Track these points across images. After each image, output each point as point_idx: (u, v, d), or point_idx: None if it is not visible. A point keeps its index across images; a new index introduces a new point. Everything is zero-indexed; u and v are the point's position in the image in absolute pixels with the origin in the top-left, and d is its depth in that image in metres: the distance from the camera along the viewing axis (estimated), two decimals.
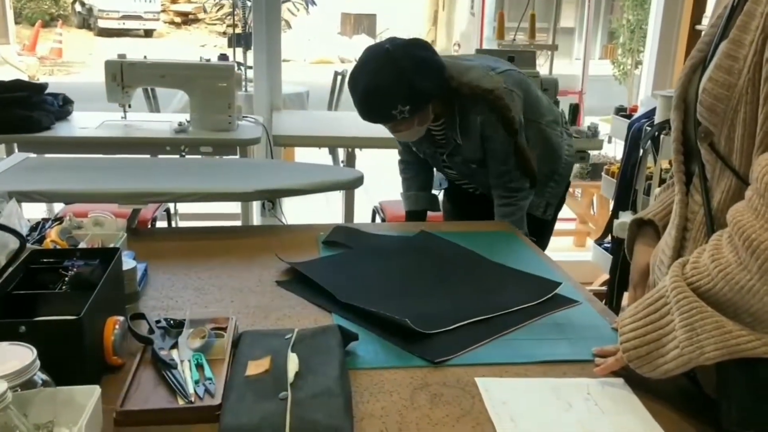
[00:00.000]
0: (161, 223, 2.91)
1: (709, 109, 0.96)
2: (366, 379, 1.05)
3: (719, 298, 0.90)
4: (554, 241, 2.23)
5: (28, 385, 0.82)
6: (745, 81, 0.91)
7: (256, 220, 3.29)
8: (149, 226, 2.58)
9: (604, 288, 3.13)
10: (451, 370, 1.09)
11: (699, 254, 0.95)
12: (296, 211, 3.08)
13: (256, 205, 3.22)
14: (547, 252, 2.65)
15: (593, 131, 2.98)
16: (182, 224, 3.33)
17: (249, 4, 4.34)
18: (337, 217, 3.22)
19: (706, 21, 3.34)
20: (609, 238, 2.96)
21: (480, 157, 1.91)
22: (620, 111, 3.03)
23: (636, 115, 2.87)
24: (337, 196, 3.20)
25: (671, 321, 0.94)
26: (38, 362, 0.84)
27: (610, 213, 2.93)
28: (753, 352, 0.88)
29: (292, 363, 1.00)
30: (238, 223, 3.12)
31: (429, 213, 2.23)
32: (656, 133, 2.56)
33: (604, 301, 2.99)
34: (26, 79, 3.80)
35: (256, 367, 1.00)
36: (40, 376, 0.84)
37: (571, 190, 5.35)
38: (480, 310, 1.27)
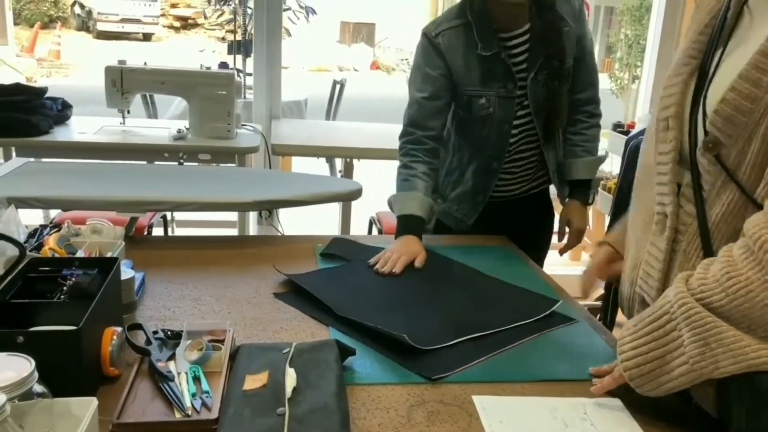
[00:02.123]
0: (158, 230, 2.91)
1: (727, 120, 0.94)
2: (363, 395, 1.05)
3: (733, 314, 0.89)
4: (549, 256, 2.21)
5: (26, 396, 0.81)
6: None
7: (253, 228, 3.29)
8: (146, 233, 2.58)
9: (599, 303, 3.13)
10: (448, 387, 1.09)
11: (705, 269, 0.94)
12: (293, 220, 3.08)
13: (252, 214, 3.22)
14: (542, 266, 2.64)
15: None
16: (178, 231, 3.33)
17: (249, 11, 4.35)
18: (333, 227, 3.22)
19: None
20: None
21: (570, 64, 1.77)
22: (618, 127, 3.05)
23: (633, 131, 2.89)
24: (334, 206, 3.20)
25: (679, 337, 0.93)
26: (36, 374, 0.83)
27: (606, 229, 2.94)
28: None
29: (290, 378, 1.00)
30: (234, 230, 3.12)
31: None
32: None
33: (598, 317, 3.01)
34: (24, 80, 3.80)
35: (253, 382, 1.00)
36: (37, 388, 0.84)
37: None
38: (477, 327, 1.27)
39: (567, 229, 1.94)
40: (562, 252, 1.92)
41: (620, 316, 3.00)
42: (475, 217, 1.89)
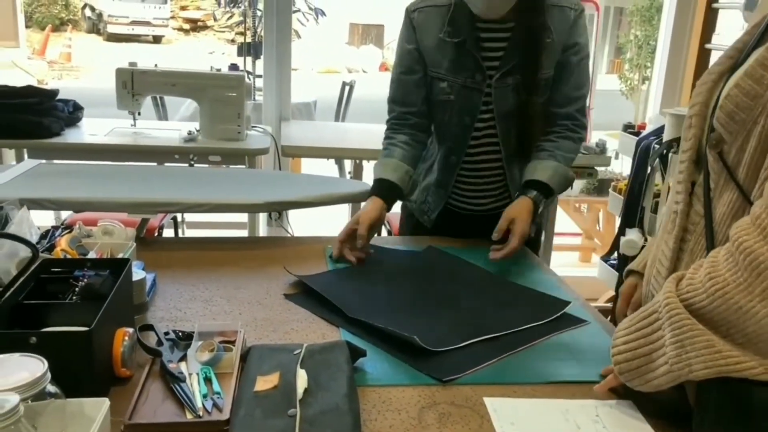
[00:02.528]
0: (168, 231, 2.92)
1: (728, 116, 0.94)
2: (374, 397, 1.05)
3: (713, 316, 0.90)
4: (560, 257, 2.20)
5: (39, 396, 0.82)
6: None
7: (263, 229, 3.29)
8: (156, 235, 2.59)
9: (609, 305, 3.12)
10: (459, 389, 1.09)
11: (695, 270, 0.94)
12: (303, 222, 3.08)
13: (262, 216, 3.22)
14: (553, 266, 2.61)
15: (601, 147, 2.99)
16: (189, 232, 3.34)
17: (259, 13, 4.36)
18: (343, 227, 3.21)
19: (716, 39, 3.34)
20: (615, 255, 2.95)
21: (548, 75, 1.64)
22: (628, 128, 3.04)
23: (644, 132, 2.87)
24: (344, 207, 3.20)
25: (662, 336, 0.94)
26: (49, 374, 0.83)
27: (617, 230, 2.93)
28: (741, 373, 0.87)
29: (301, 379, 1.00)
30: (244, 232, 3.12)
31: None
32: (665, 151, 2.56)
33: (609, 318, 3.00)
34: (35, 82, 3.83)
35: (264, 383, 1.00)
36: (50, 388, 0.84)
37: (576, 205, 5.37)
38: (488, 329, 1.27)
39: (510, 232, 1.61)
40: (495, 259, 1.56)
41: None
42: (438, 212, 1.81)
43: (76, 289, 1.12)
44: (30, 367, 0.83)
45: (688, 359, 0.90)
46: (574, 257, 4.48)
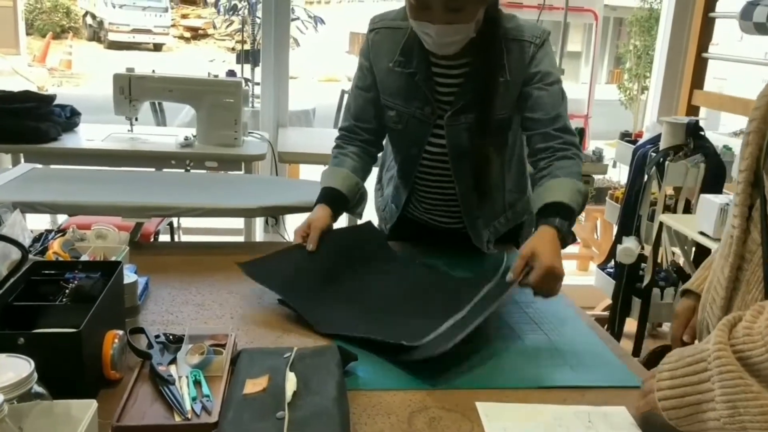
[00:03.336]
0: (164, 237, 2.91)
1: None
2: (364, 401, 1.04)
3: None
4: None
5: (25, 397, 0.81)
6: None
7: (259, 235, 3.29)
8: (152, 240, 2.58)
9: (606, 313, 3.11)
10: (450, 394, 1.08)
11: (754, 318, 0.86)
12: None
13: (259, 221, 3.22)
14: None
15: (598, 156, 2.99)
16: (185, 238, 3.33)
17: (258, 21, 4.37)
18: None
19: (713, 49, 3.35)
20: (612, 263, 2.95)
21: (503, 117, 1.56)
22: (625, 136, 3.04)
23: (641, 140, 2.88)
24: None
25: (711, 389, 0.87)
26: (36, 375, 0.83)
27: (614, 238, 2.93)
28: None
29: (290, 382, 0.99)
30: (241, 237, 3.12)
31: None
32: (661, 159, 2.56)
33: (606, 327, 2.99)
34: (35, 89, 3.83)
35: (253, 386, 0.99)
36: (36, 389, 0.84)
37: None
38: (454, 308, 1.30)
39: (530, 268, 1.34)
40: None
41: (628, 326, 2.99)
42: (392, 224, 1.79)
43: (67, 291, 1.12)
44: (16, 368, 0.83)
45: (743, 422, 0.83)
46: (571, 265, 4.48)
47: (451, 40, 1.43)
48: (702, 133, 2.60)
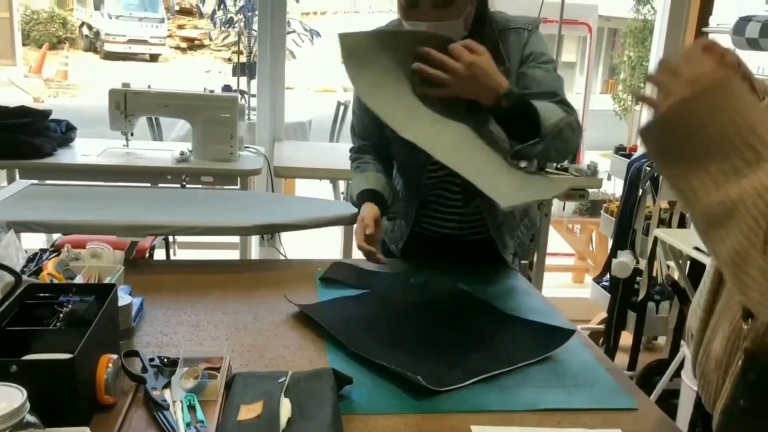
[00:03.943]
0: (159, 251, 2.91)
1: None
2: (360, 425, 1.04)
3: None
4: (553, 277, 2.19)
5: (17, 427, 0.81)
6: None
7: (255, 250, 3.28)
8: (147, 256, 2.58)
9: (601, 327, 3.11)
10: (446, 418, 1.08)
11: None
12: (296, 243, 3.08)
13: (255, 236, 3.22)
14: (545, 287, 2.58)
15: (593, 170, 2.99)
16: (180, 253, 3.32)
17: (255, 34, 4.38)
18: (336, 249, 3.21)
19: None
20: (607, 276, 2.96)
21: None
22: (620, 150, 3.05)
23: (635, 154, 2.89)
24: (337, 228, 3.20)
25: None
26: (28, 404, 0.82)
27: (609, 252, 2.93)
28: None
29: (285, 408, 0.99)
30: (236, 252, 3.11)
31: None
32: (655, 174, 2.57)
33: (601, 340, 2.99)
34: (31, 100, 3.83)
35: (248, 412, 0.99)
36: (29, 418, 0.83)
37: (569, 225, 5.37)
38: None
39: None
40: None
41: (624, 340, 2.99)
42: (404, 242, 1.78)
43: (61, 315, 1.11)
44: (8, 397, 0.82)
45: None
46: (566, 278, 4.48)
47: (447, 31, 1.45)
48: None
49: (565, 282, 4.36)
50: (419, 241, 1.79)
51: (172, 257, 2.76)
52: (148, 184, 2.76)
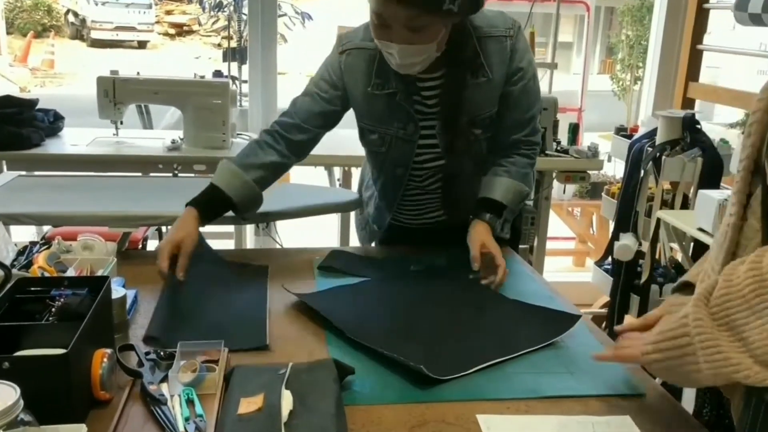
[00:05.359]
0: (153, 242, 2.87)
1: None
2: (363, 416, 1.01)
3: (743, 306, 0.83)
4: (553, 261, 2.16)
5: (11, 425, 0.78)
6: None
7: (250, 239, 3.25)
8: (140, 247, 2.54)
9: (604, 311, 3.10)
10: (450, 406, 1.05)
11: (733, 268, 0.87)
12: (292, 231, 3.04)
13: (250, 226, 3.18)
14: (546, 271, 2.55)
15: (593, 151, 2.95)
16: None
17: (245, 18, 4.32)
18: (333, 236, 3.18)
19: (707, 40, 3.32)
20: (609, 259, 2.93)
21: (490, 111, 1.56)
22: (621, 131, 3.02)
23: (636, 135, 2.85)
24: (334, 215, 3.17)
25: (697, 362, 0.87)
26: (22, 402, 0.80)
27: (611, 235, 2.91)
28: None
29: (286, 401, 0.96)
30: (231, 242, 3.08)
31: None
32: (657, 154, 2.54)
33: (604, 324, 2.98)
34: (17, 90, 3.77)
35: (248, 405, 0.96)
36: (23, 416, 0.81)
37: (569, 208, 5.34)
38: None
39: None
40: (497, 286, 1.50)
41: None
42: (384, 229, 1.79)
43: (53, 309, 1.08)
44: (1, 395, 0.80)
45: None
46: (567, 262, 4.46)
47: (412, 60, 1.41)
48: (698, 126, 2.58)
49: (565, 266, 4.35)
50: (395, 232, 1.79)
51: None
52: (140, 174, 2.71)
